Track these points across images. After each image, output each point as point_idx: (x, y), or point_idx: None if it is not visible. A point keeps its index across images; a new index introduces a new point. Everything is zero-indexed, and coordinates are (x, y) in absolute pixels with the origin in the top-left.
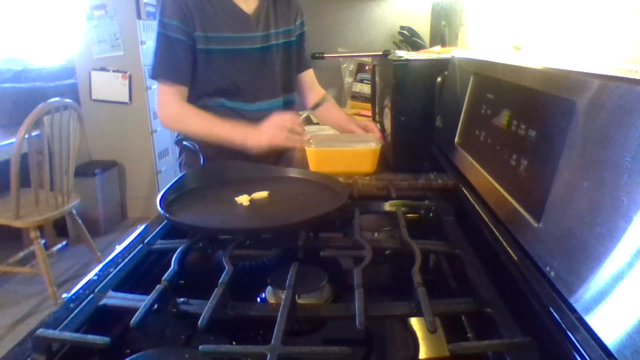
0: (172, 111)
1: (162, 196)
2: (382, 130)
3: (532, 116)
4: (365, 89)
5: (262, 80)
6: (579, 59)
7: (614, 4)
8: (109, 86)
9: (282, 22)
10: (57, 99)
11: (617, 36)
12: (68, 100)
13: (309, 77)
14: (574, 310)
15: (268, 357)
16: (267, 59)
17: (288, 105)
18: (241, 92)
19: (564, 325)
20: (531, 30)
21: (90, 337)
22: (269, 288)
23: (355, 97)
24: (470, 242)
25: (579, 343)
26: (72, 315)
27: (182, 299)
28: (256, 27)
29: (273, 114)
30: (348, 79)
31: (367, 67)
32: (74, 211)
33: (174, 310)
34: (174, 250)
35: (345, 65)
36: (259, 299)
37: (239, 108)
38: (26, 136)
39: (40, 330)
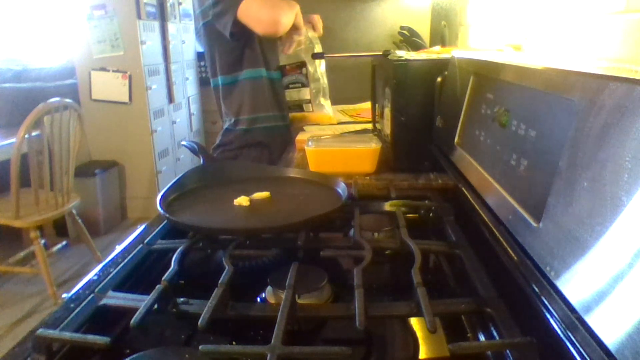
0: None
1: (162, 196)
2: (382, 130)
3: (532, 116)
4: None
5: None
6: (579, 59)
7: (614, 4)
8: (109, 86)
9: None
10: (57, 99)
11: (617, 36)
12: (68, 100)
13: None
14: (574, 310)
15: (268, 357)
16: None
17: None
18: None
19: (564, 325)
20: (531, 30)
21: (91, 337)
22: (269, 288)
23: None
24: (470, 242)
25: (579, 343)
26: (72, 315)
27: (182, 299)
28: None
29: None
30: None
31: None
32: (74, 211)
33: (174, 310)
34: (174, 251)
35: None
36: (259, 299)
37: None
38: (26, 136)
39: (40, 330)
